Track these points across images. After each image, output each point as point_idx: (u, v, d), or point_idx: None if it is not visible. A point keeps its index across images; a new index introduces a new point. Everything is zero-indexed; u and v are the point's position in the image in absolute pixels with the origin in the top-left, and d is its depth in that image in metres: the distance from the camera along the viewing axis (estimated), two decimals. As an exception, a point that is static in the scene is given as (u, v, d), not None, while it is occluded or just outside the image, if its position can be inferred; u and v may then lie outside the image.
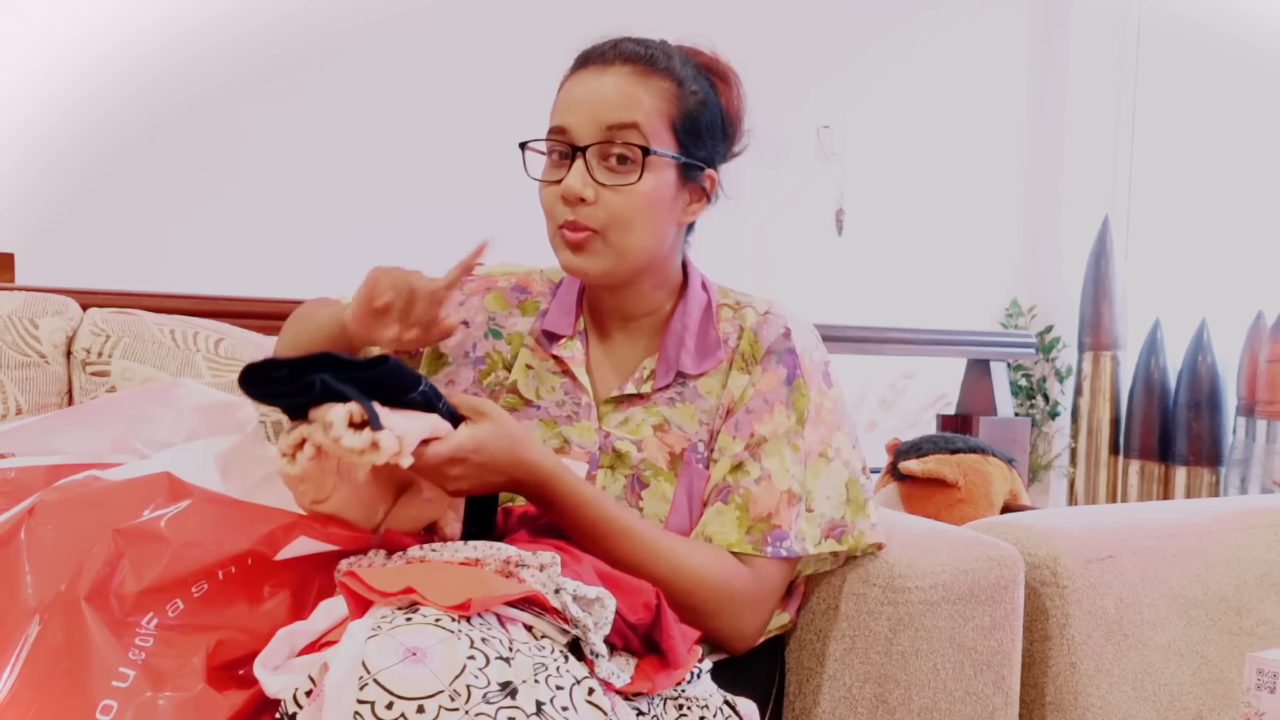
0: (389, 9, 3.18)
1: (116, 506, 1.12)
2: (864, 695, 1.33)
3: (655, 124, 1.28)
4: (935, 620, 1.33)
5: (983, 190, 4.05)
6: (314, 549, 1.15)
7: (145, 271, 2.71)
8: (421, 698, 0.92)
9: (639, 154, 1.27)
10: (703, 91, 1.33)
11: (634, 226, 1.28)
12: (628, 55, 1.30)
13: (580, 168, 1.27)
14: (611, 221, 1.28)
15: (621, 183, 1.27)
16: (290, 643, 1.06)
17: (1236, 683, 1.58)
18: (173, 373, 1.63)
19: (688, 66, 1.33)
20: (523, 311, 1.42)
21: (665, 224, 1.32)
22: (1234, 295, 3.56)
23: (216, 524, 1.14)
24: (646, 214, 1.28)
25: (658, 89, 1.29)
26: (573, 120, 1.28)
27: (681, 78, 1.31)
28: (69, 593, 1.06)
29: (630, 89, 1.28)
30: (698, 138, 1.32)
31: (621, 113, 1.27)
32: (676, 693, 1.13)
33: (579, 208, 1.28)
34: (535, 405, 1.37)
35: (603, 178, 1.27)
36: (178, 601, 1.09)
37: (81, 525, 1.10)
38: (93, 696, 1.02)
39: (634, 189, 1.27)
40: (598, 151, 1.27)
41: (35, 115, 2.86)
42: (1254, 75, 3.57)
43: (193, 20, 2.98)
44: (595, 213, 1.27)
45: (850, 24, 3.81)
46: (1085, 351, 3.89)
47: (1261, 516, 1.73)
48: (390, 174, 3.19)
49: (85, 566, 1.07)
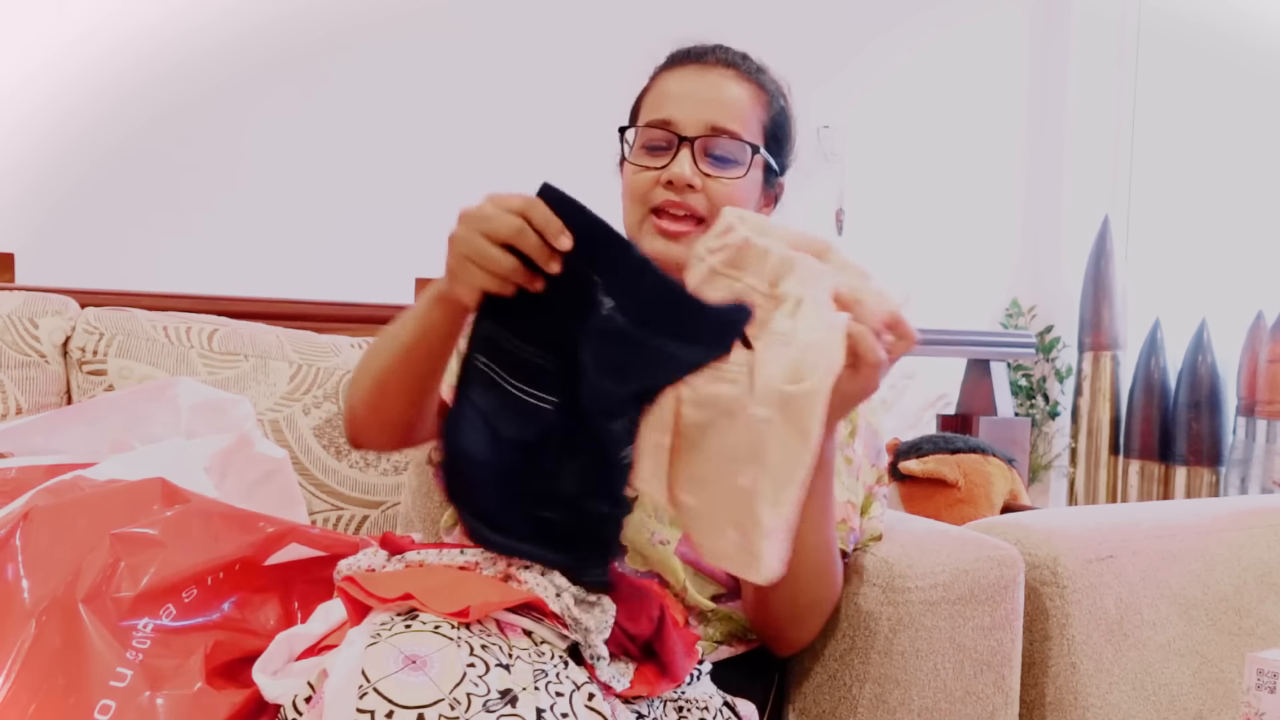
0: (388, 9, 3.18)
1: (112, 511, 1.12)
2: (864, 695, 1.33)
3: (754, 128, 1.33)
4: (935, 620, 1.33)
5: (983, 190, 4.05)
6: (304, 554, 1.15)
7: (145, 271, 2.70)
8: (421, 706, 0.92)
9: (746, 150, 1.31)
10: (784, 105, 1.39)
11: None
12: (727, 60, 1.36)
13: (687, 156, 1.30)
14: (714, 211, 1.29)
15: (728, 175, 1.31)
16: (289, 647, 1.06)
17: (1236, 683, 1.57)
18: (168, 369, 1.63)
19: (768, 78, 1.38)
20: None
21: None
22: (1234, 295, 3.56)
23: (209, 530, 1.14)
24: (743, 207, 1.31)
25: (755, 95, 1.35)
26: (679, 113, 1.32)
27: (769, 88, 1.37)
28: (66, 596, 1.05)
29: (734, 90, 1.33)
30: (780, 145, 1.38)
31: (728, 111, 1.32)
32: (676, 694, 1.13)
33: (686, 194, 1.30)
34: None
35: (707, 169, 1.31)
36: (170, 607, 1.09)
37: (78, 530, 1.09)
38: (91, 696, 1.02)
39: (740, 182, 1.31)
40: (703, 145, 1.31)
41: (35, 115, 2.85)
42: (1254, 75, 3.57)
43: (192, 21, 2.98)
44: (700, 200, 1.30)
45: (850, 24, 3.81)
46: (1085, 351, 3.89)
47: (1261, 516, 1.72)
48: (390, 175, 3.18)
49: (83, 570, 1.07)
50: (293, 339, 1.72)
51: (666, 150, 1.31)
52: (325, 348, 1.72)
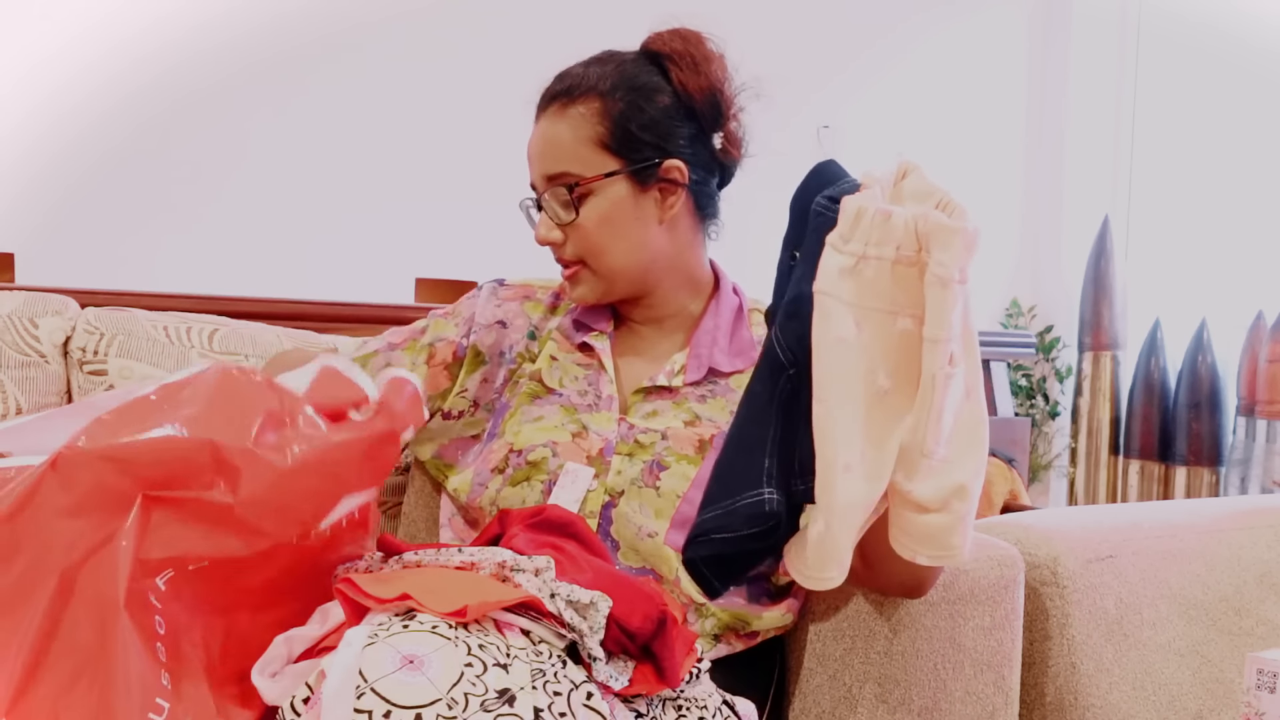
0: (388, 10, 3.18)
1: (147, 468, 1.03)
2: (864, 695, 1.33)
3: (582, 153, 1.34)
4: (935, 620, 1.33)
5: (982, 190, 4.05)
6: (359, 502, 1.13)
7: (145, 271, 2.70)
8: (419, 706, 0.92)
9: (568, 194, 1.34)
10: (644, 87, 1.35)
11: (603, 250, 1.36)
12: (552, 96, 1.37)
13: (543, 216, 1.37)
14: (584, 252, 1.37)
15: (569, 220, 1.35)
16: (288, 648, 1.06)
17: (1236, 683, 1.57)
18: (169, 369, 1.62)
19: (621, 71, 1.36)
20: (555, 314, 1.47)
21: (638, 232, 1.36)
22: (1234, 295, 3.55)
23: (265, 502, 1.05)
24: (608, 236, 1.35)
25: (579, 116, 1.35)
26: (531, 174, 1.39)
27: (604, 91, 1.35)
28: (105, 586, 0.98)
29: (553, 131, 1.36)
30: (636, 141, 1.34)
31: (549, 161, 1.36)
32: (675, 693, 1.13)
33: (556, 249, 1.38)
34: (557, 393, 1.40)
35: (561, 217, 1.35)
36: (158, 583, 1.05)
37: (110, 484, 1.01)
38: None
39: (578, 224, 1.35)
40: (549, 198, 1.36)
41: (35, 115, 2.85)
42: (1254, 75, 3.56)
43: (192, 21, 2.98)
44: (567, 249, 1.37)
45: (850, 24, 3.81)
46: (1085, 351, 3.88)
47: (1261, 516, 1.72)
48: (390, 175, 3.18)
49: (119, 542, 0.99)
50: (293, 339, 1.72)
51: (539, 208, 1.39)
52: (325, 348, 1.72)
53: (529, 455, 1.35)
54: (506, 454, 1.36)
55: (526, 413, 1.39)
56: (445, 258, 2.89)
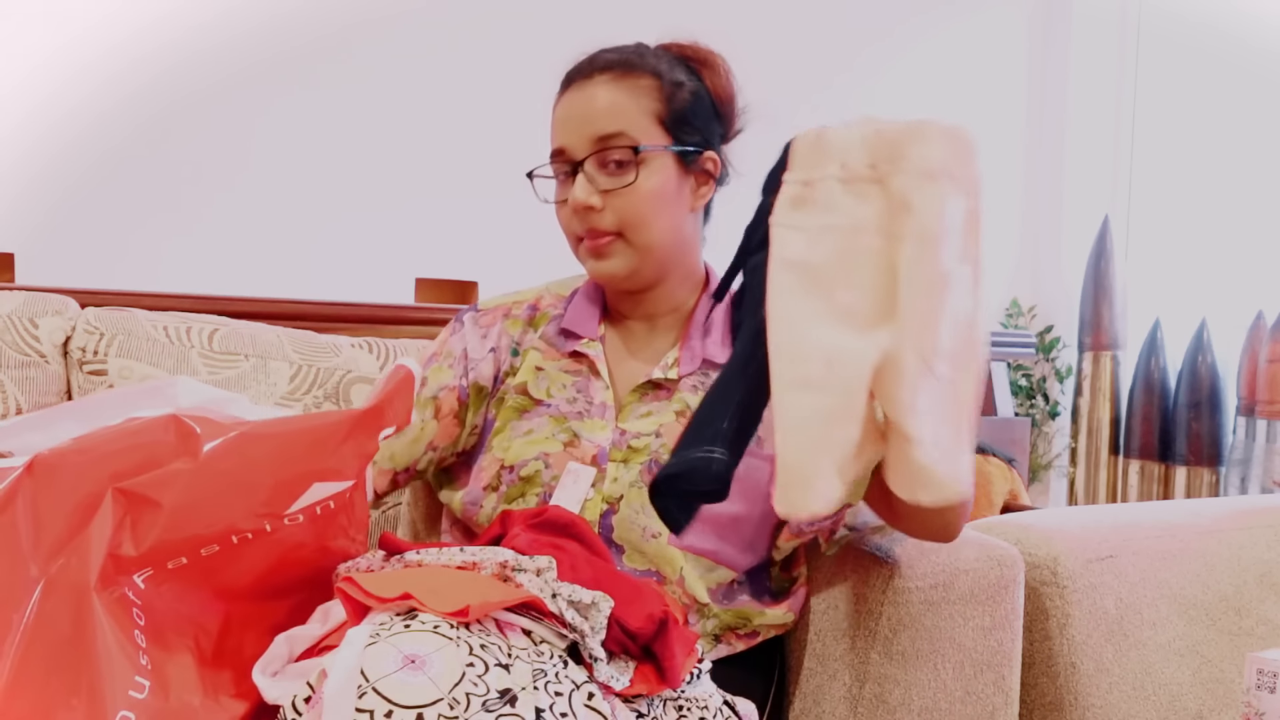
0: (388, 10, 3.18)
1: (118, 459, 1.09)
2: (864, 695, 1.33)
3: (643, 122, 1.33)
4: (935, 620, 1.33)
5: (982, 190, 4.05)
6: (330, 491, 1.14)
7: (146, 271, 2.70)
8: (420, 706, 0.92)
9: (631, 155, 1.31)
10: (686, 80, 1.36)
11: (647, 222, 1.33)
12: (605, 65, 1.35)
13: (583, 180, 1.32)
14: (624, 223, 1.33)
15: (622, 184, 1.31)
16: (289, 647, 1.06)
17: (1236, 683, 1.57)
18: (169, 369, 1.62)
19: (665, 61, 1.36)
20: (534, 326, 1.44)
21: (678, 213, 1.36)
22: (1234, 295, 3.55)
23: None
24: (655, 207, 1.33)
25: (639, 88, 1.33)
26: (567, 139, 1.34)
27: (661, 72, 1.35)
28: (76, 572, 1.01)
29: (612, 96, 1.33)
30: (688, 125, 1.35)
31: (608, 120, 1.32)
32: (676, 693, 1.13)
33: (590, 216, 1.33)
34: (545, 404, 1.39)
35: (605, 184, 1.32)
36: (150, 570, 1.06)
37: (82, 483, 1.05)
38: (112, 706, 0.99)
39: (634, 188, 1.31)
40: (595, 161, 1.32)
41: (35, 115, 2.85)
42: (1254, 75, 3.56)
43: (192, 21, 2.97)
44: (606, 217, 1.33)
45: (851, 25, 3.81)
46: (1085, 351, 3.88)
47: (1261, 516, 1.72)
48: (390, 175, 3.18)
49: (92, 537, 1.03)
50: (293, 339, 1.72)
51: (572, 177, 1.34)
52: (325, 348, 1.72)
53: (521, 471, 1.35)
54: (498, 470, 1.36)
55: (515, 428, 1.38)
56: (445, 258, 2.89)
